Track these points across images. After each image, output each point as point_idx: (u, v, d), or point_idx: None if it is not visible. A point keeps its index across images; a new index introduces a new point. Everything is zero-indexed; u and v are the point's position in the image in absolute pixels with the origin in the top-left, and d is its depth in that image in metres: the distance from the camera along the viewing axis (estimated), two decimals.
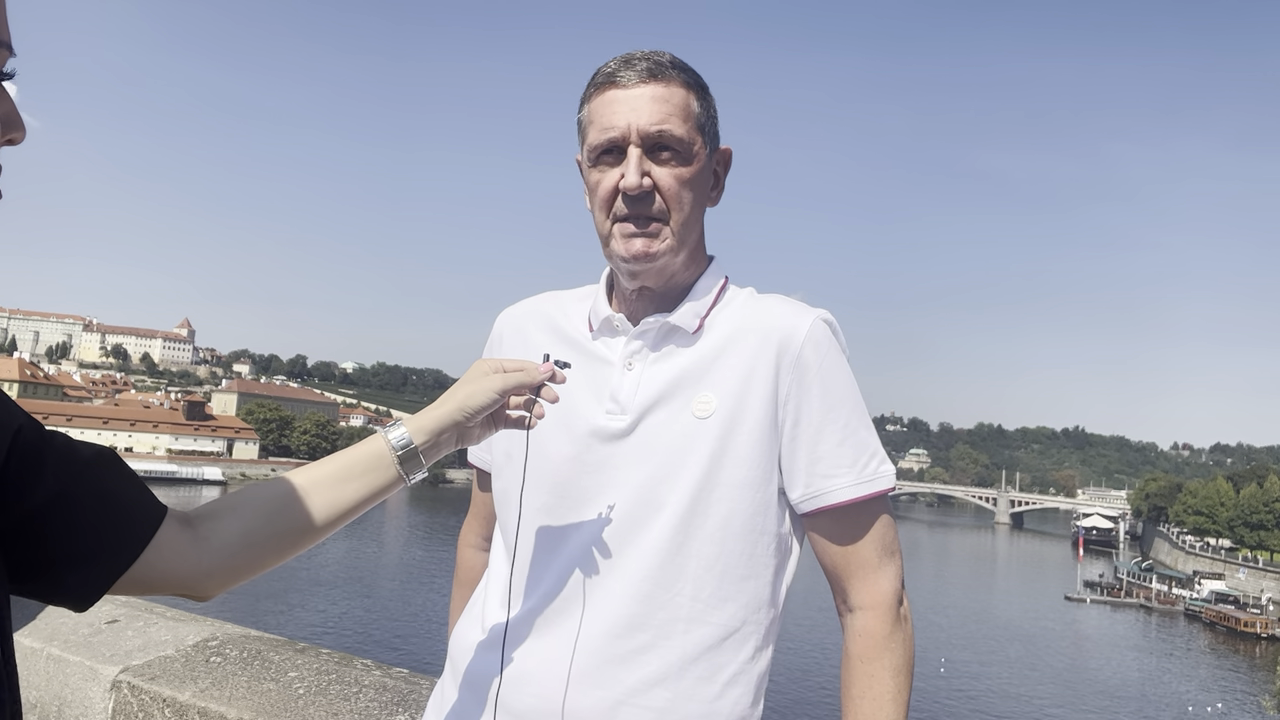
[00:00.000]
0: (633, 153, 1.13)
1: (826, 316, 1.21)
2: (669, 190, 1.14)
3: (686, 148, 1.14)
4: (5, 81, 0.68)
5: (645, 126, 1.12)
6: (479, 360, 1.14)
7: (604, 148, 1.15)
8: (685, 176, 1.15)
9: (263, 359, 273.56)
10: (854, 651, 1.16)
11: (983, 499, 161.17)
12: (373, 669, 2.17)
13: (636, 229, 1.15)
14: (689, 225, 1.18)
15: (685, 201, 1.15)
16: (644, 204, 1.14)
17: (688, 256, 1.21)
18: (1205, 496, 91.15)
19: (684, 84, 1.16)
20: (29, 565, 0.81)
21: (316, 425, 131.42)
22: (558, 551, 1.17)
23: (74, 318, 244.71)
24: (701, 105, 1.18)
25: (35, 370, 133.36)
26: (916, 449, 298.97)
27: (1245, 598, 68.65)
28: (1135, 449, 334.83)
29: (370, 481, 1.03)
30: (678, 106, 1.14)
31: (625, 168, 1.13)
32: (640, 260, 1.16)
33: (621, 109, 1.13)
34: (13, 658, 0.73)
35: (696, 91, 1.18)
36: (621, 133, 1.13)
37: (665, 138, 1.13)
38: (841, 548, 1.19)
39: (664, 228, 1.15)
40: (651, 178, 1.13)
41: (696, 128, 1.16)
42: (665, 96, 1.13)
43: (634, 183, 1.12)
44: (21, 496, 0.80)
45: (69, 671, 2.17)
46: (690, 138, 1.15)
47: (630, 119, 1.12)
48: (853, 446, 1.17)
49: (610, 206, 1.16)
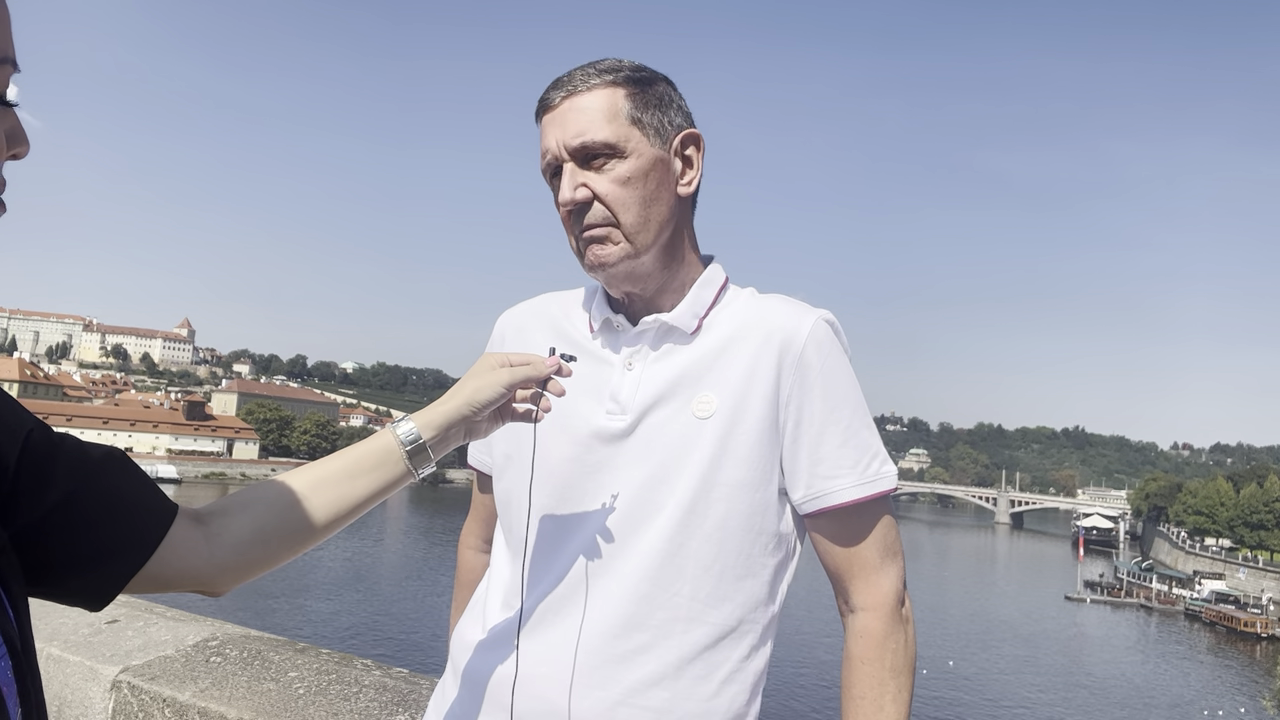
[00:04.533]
0: (566, 168, 1.14)
1: (828, 317, 1.21)
2: (607, 195, 1.14)
3: (617, 148, 1.14)
4: (10, 96, 0.68)
5: (569, 140, 1.13)
6: (485, 354, 1.14)
7: (549, 172, 1.18)
8: (624, 176, 1.14)
9: (263, 359, 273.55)
10: (855, 652, 1.16)
11: (983, 499, 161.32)
12: (373, 669, 2.17)
13: (591, 239, 1.16)
14: (645, 222, 1.16)
15: (630, 201, 1.14)
16: (583, 214, 1.15)
17: (662, 254, 1.20)
18: (1205, 496, 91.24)
19: (609, 85, 1.15)
20: (43, 567, 0.82)
21: (316, 425, 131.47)
22: (558, 552, 1.17)
23: (74, 318, 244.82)
24: (636, 100, 1.16)
25: (35, 370, 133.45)
26: (916, 449, 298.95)
27: (1245, 598, 68.71)
28: (1135, 449, 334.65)
29: (379, 477, 1.04)
30: (600, 111, 1.14)
31: (562, 185, 1.16)
32: (599, 269, 1.17)
33: (551, 130, 1.15)
34: (34, 656, 0.74)
35: (628, 87, 1.16)
36: (554, 154, 1.15)
37: (590, 146, 1.13)
38: (843, 548, 1.19)
39: (614, 231, 1.15)
40: (589, 187, 1.14)
41: (630, 123, 1.15)
42: (584, 106, 1.14)
43: (565, 198, 1.14)
44: (34, 499, 0.80)
45: (69, 671, 2.16)
46: (620, 136, 1.14)
47: (557, 136, 1.14)
48: (855, 447, 1.17)
49: (570, 225, 1.19)
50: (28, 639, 0.73)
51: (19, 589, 0.74)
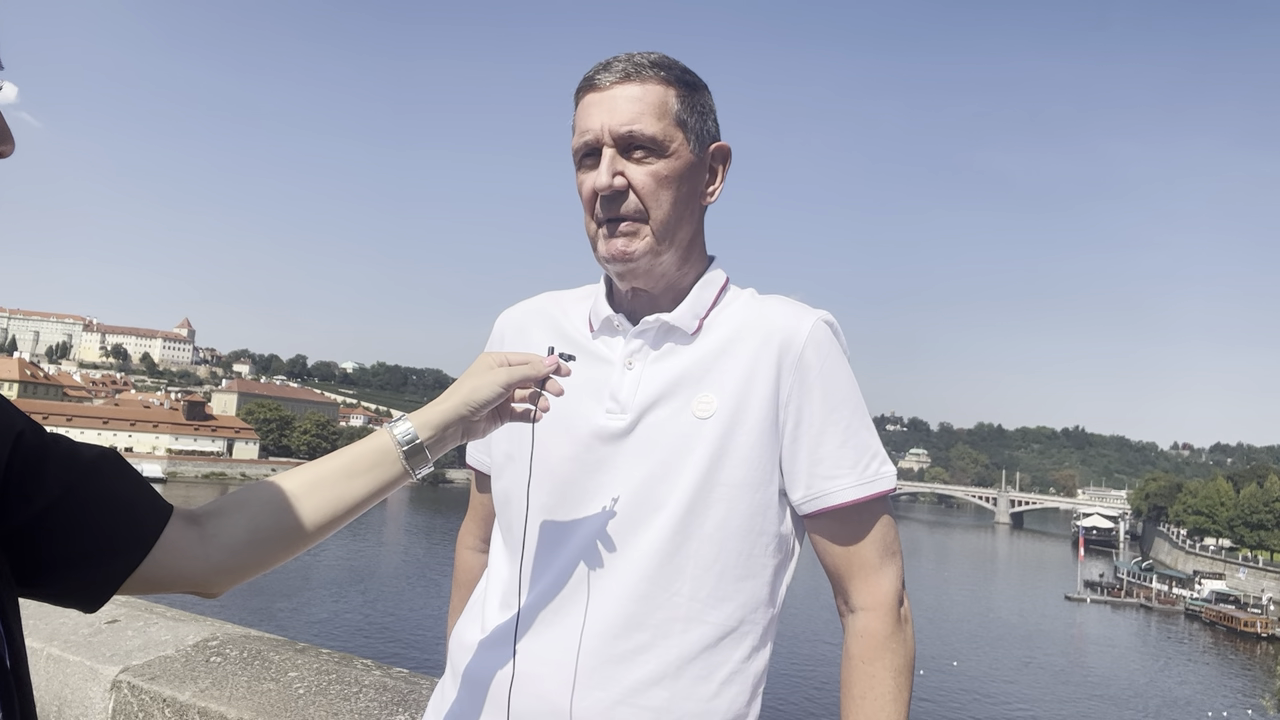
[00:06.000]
0: (605, 153, 1.14)
1: (828, 318, 1.21)
2: (643, 188, 1.14)
3: (662, 145, 1.14)
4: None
5: (616, 127, 1.13)
6: (483, 354, 1.13)
7: (584, 151, 1.17)
8: (662, 174, 1.14)
9: (263, 359, 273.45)
10: (855, 652, 1.16)
11: (983, 499, 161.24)
12: (373, 669, 2.17)
13: (616, 229, 1.15)
14: (672, 223, 1.16)
15: (663, 199, 1.15)
16: (618, 203, 1.14)
17: (679, 257, 1.20)
18: (1205, 496, 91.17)
19: (662, 81, 1.15)
20: (36, 568, 0.81)
21: (316, 425, 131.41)
22: (557, 551, 1.17)
23: (74, 318, 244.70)
24: (684, 102, 1.16)
25: (35, 370, 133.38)
26: (916, 449, 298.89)
27: (1245, 597, 68.60)
28: (1135, 449, 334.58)
29: (376, 477, 1.03)
30: (652, 104, 1.14)
31: (599, 168, 1.15)
32: (619, 260, 1.16)
33: (596, 111, 1.14)
34: (24, 659, 0.73)
35: (679, 88, 1.16)
36: (596, 135, 1.14)
37: (637, 136, 1.13)
38: (843, 549, 1.19)
39: (642, 226, 1.15)
40: (626, 177, 1.13)
41: (676, 124, 1.15)
42: (638, 95, 1.13)
43: (604, 183, 1.13)
44: (25, 500, 0.80)
45: (69, 671, 2.17)
46: (666, 135, 1.14)
47: (603, 120, 1.13)
48: (854, 448, 1.17)
49: (593, 209, 1.17)
50: (17, 640, 0.72)
51: (8, 590, 0.74)
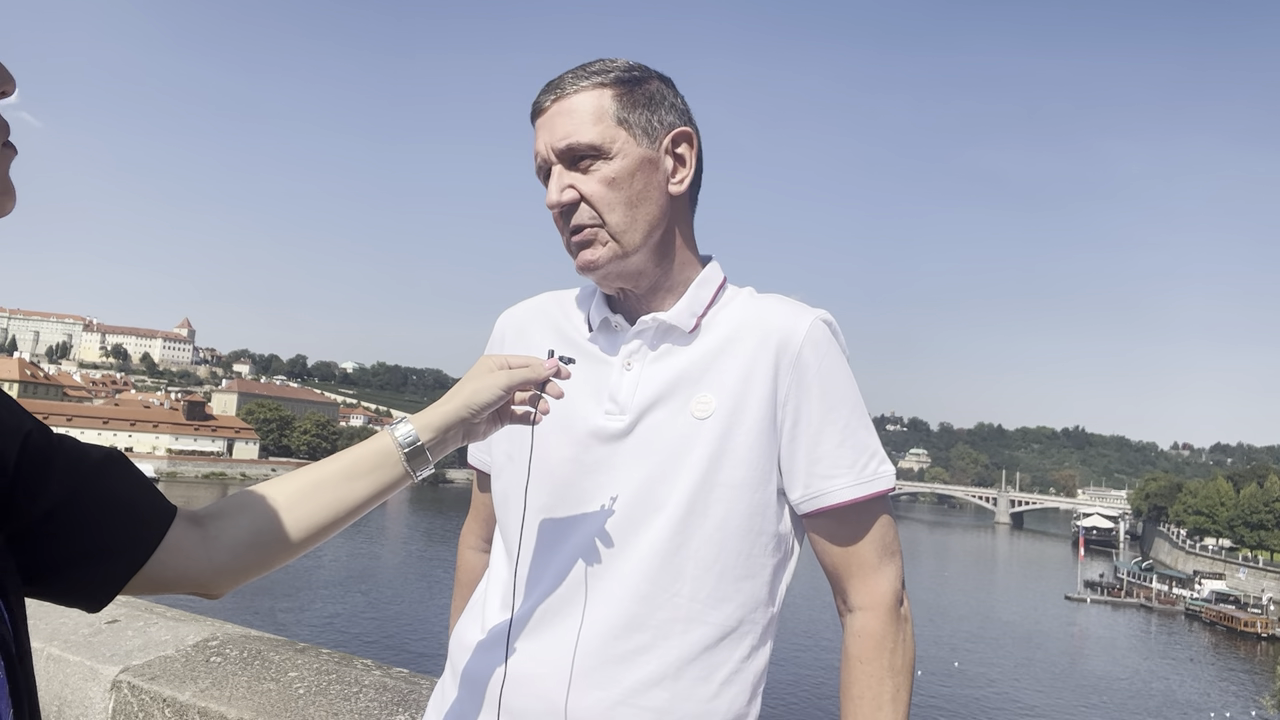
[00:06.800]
0: (554, 171, 1.16)
1: (826, 317, 1.21)
2: (594, 195, 1.14)
3: (602, 149, 1.14)
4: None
5: (556, 143, 1.14)
6: (484, 356, 1.13)
7: (541, 175, 1.19)
8: (609, 176, 1.14)
9: (263, 359, 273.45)
10: (854, 652, 1.16)
11: (983, 499, 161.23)
12: (373, 669, 2.17)
13: (579, 241, 1.17)
14: (632, 223, 1.16)
15: (615, 201, 1.15)
16: (571, 215, 1.16)
17: (654, 253, 1.20)
18: (1205, 496, 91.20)
19: (597, 86, 1.15)
20: (41, 568, 0.82)
21: (316, 425, 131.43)
22: (557, 552, 1.17)
23: (74, 318, 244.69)
24: (623, 100, 1.16)
25: (35, 370, 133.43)
26: (916, 449, 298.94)
27: (1245, 598, 68.64)
28: (1135, 449, 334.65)
29: (377, 479, 1.03)
30: (586, 112, 1.14)
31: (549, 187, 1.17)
32: (587, 269, 1.17)
33: (541, 134, 1.17)
34: (30, 658, 0.74)
35: (616, 88, 1.16)
36: (543, 156, 1.17)
37: (576, 148, 1.14)
38: (841, 548, 1.19)
39: (600, 231, 1.15)
40: (576, 188, 1.15)
41: (616, 124, 1.15)
42: (570, 109, 1.15)
43: (552, 199, 1.15)
44: (32, 500, 0.81)
45: (69, 671, 2.17)
46: (605, 138, 1.14)
47: (546, 140, 1.16)
48: (852, 447, 1.17)
49: (559, 225, 1.19)
50: (23, 640, 0.73)
51: (15, 590, 0.75)
